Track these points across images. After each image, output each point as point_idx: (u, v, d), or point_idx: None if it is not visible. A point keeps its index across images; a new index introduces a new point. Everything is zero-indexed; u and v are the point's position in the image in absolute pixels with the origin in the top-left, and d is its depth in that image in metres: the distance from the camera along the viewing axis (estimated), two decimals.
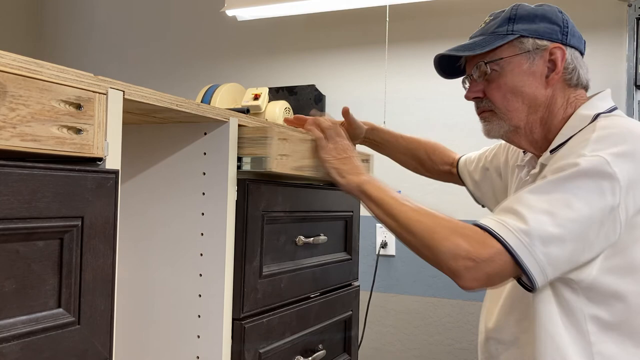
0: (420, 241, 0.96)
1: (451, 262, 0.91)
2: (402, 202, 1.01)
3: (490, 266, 0.90)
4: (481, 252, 0.90)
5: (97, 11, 3.03)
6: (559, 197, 0.89)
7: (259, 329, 0.99)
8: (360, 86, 2.43)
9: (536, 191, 0.92)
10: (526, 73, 1.05)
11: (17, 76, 0.57)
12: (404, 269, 2.32)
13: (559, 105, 1.06)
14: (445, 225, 0.94)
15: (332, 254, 1.29)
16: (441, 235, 0.93)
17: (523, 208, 0.90)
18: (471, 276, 0.91)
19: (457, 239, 0.91)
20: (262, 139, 0.96)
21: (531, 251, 0.88)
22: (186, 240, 0.95)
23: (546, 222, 0.88)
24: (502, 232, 0.90)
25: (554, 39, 1.05)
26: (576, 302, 0.95)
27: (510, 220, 0.90)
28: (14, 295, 0.58)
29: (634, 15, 1.86)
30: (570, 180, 0.90)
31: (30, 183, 0.58)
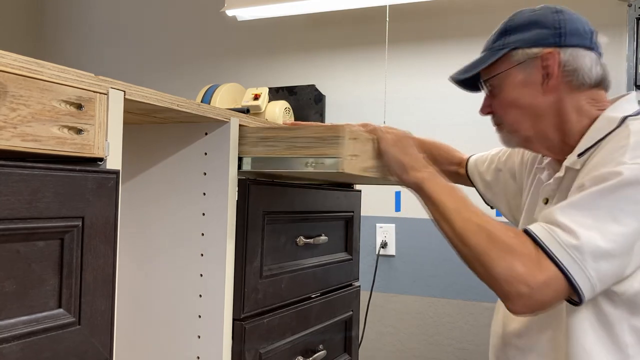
0: (474, 256, 0.92)
1: (505, 287, 0.88)
2: (460, 207, 0.96)
3: (544, 292, 0.87)
4: (537, 277, 0.87)
5: (97, 11, 3.03)
6: (607, 211, 0.87)
7: (260, 329, 0.99)
8: (360, 86, 2.43)
9: (582, 205, 0.89)
10: (522, 84, 1.04)
11: (18, 76, 0.57)
12: (404, 269, 2.32)
13: (569, 109, 1.03)
14: (500, 241, 0.90)
15: (333, 254, 1.29)
16: (496, 254, 0.89)
17: (570, 222, 0.87)
18: (523, 303, 0.88)
19: (512, 260, 0.88)
20: (334, 138, 0.90)
21: (582, 268, 0.86)
22: (187, 241, 0.95)
23: (596, 238, 0.86)
24: (554, 249, 0.87)
25: (547, 44, 1.02)
26: (615, 314, 0.93)
27: (561, 234, 0.87)
28: (15, 295, 0.58)
29: (634, 15, 1.86)
30: (615, 192, 0.87)
31: (30, 183, 0.58)
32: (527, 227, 0.91)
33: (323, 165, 0.91)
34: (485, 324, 2.18)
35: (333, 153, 0.90)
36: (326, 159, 0.90)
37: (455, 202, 0.97)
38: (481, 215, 0.95)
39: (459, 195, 0.99)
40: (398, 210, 2.35)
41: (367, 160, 1.01)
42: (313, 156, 0.91)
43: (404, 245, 2.32)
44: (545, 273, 0.86)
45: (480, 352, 2.20)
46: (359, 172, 0.98)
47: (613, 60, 2.08)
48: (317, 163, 0.91)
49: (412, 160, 1.04)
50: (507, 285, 0.88)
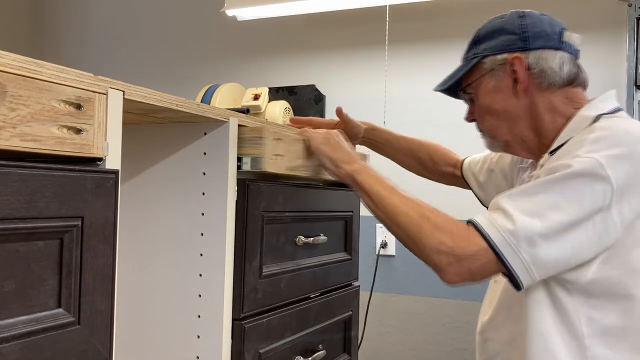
0: (406, 234, 0.97)
1: (434, 257, 0.93)
2: (392, 193, 1.01)
3: (473, 263, 0.91)
4: (464, 249, 0.91)
5: (97, 11, 3.03)
6: (549, 199, 0.89)
7: (259, 329, 0.99)
8: (360, 86, 2.43)
9: (527, 192, 0.92)
10: (493, 91, 1.07)
11: (17, 76, 0.57)
12: (404, 269, 2.32)
13: (542, 110, 1.04)
14: (431, 220, 0.95)
15: (332, 254, 1.29)
16: (426, 230, 0.94)
17: (512, 208, 0.91)
18: (453, 271, 0.92)
19: (441, 235, 0.93)
20: (257, 139, 0.96)
21: (516, 251, 0.89)
22: (186, 240, 0.95)
23: (534, 224, 0.88)
24: (488, 230, 0.91)
25: (513, 49, 1.04)
26: (571, 303, 0.94)
27: (499, 219, 0.91)
28: (14, 295, 0.58)
29: (634, 15, 1.86)
30: (561, 182, 0.90)
31: (30, 183, 0.58)
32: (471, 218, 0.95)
33: (248, 165, 0.96)
34: None
35: (256, 153, 0.96)
36: (254, 158, 0.96)
37: (386, 188, 1.02)
38: (413, 199, 1.00)
39: (390, 183, 1.04)
40: None
41: (294, 160, 1.07)
42: (244, 155, 0.97)
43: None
44: (472, 247, 0.91)
45: None
46: (286, 171, 1.04)
47: (613, 60, 2.08)
48: (244, 163, 0.97)
49: (343, 155, 1.10)
50: (436, 255, 0.92)
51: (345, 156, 1.09)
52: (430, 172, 1.44)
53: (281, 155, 1.02)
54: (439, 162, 1.42)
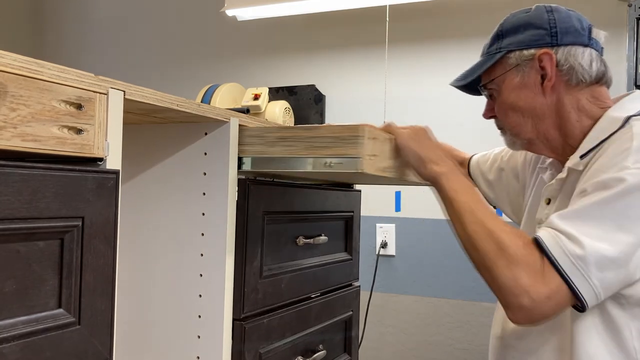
0: (482, 262, 0.92)
1: (508, 297, 0.89)
2: (474, 209, 0.95)
3: (547, 305, 0.88)
4: (540, 289, 0.87)
5: (97, 11, 3.03)
6: (612, 220, 0.87)
7: (260, 329, 0.99)
8: (360, 86, 2.43)
9: (588, 214, 0.88)
10: (519, 87, 1.03)
11: (18, 76, 0.57)
12: (404, 269, 2.32)
13: (569, 108, 1.02)
14: (510, 251, 0.90)
15: (333, 254, 1.29)
16: (503, 264, 0.89)
17: (577, 232, 0.87)
18: (525, 314, 0.89)
19: (518, 271, 0.88)
20: (354, 137, 0.89)
21: (587, 277, 0.86)
22: (187, 241, 0.95)
23: (602, 247, 0.85)
24: (559, 257, 0.87)
25: (541, 44, 1.01)
26: (623, 318, 0.92)
27: (567, 243, 0.87)
28: (15, 295, 0.58)
29: (634, 15, 1.86)
30: (620, 200, 0.87)
31: (30, 183, 0.58)
32: (536, 234, 0.91)
33: (342, 166, 0.89)
34: (485, 324, 2.18)
35: (353, 153, 0.88)
36: (346, 158, 0.89)
37: (470, 202, 0.97)
38: (493, 219, 0.94)
39: (475, 196, 0.99)
40: (398, 210, 2.35)
41: (385, 160, 1.00)
42: (332, 156, 0.89)
43: (404, 245, 2.32)
44: (548, 286, 0.87)
45: (480, 352, 2.20)
46: (378, 172, 0.96)
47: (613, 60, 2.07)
48: (336, 163, 0.89)
49: (430, 154, 1.03)
50: (511, 296, 0.88)
51: (433, 155, 1.03)
52: None
53: (376, 156, 0.95)
54: None
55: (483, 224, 0.93)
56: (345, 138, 0.89)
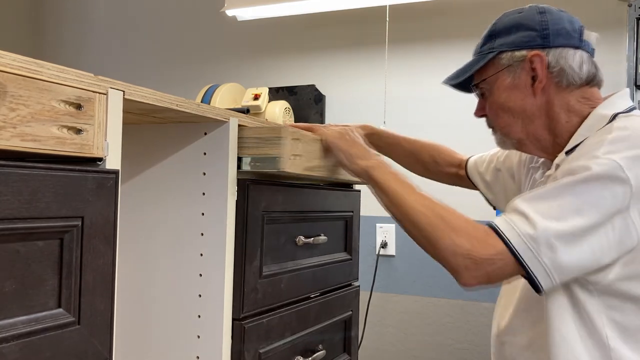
0: (423, 235, 0.95)
1: (451, 260, 0.92)
2: (408, 191, 0.99)
3: (490, 265, 0.90)
4: (481, 251, 0.90)
5: (97, 11, 3.03)
6: (570, 203, 0.88)
7: (259, 329, 0.99)
8: (360, 86, 2.43)
9: (547, 195, 0.91)
10: (510, 87, 1.04)
11: (17, 76, 0.57)
12: (404, 269, 2.32)
13: (558, 109, 1.03)
14: (448, 221, 0.93)
15: (332, 254, 1.29)
16: (443, 232, 0.92)
17: (533, 211, 0.89)
18: (470, 274, 0.91)
19: (458, 237, 0.91)
20: (276, 138, 0.94)
21: (537, 256, 0.88)
22: (186, 241, 0.95)
23: (555, 228, 0.87)
24: (508, 233, 0.89)
25: (533, 46, 1.02)
26: (594, 305, 0.93)
27: (519, 222, 0.89)
28: (14, 295, 0.58)
29: (634, 15, 1.86)
30: (581, 185, 0.88)
31: (30, 183, 0.58)
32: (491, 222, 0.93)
33: (264, 165, 0.95)
34: (485, 324, 2.18)
35: (274, 153, 0.94)
36: (268, 158, 0.94)
37: (404, 186, 1.00)
38: (430, 198, 0.98)
39: (407, 181, 1.02)
40: None
41: (312, 160, 1.05)
42: (257, 155, 0.95)
43: (404, 245, 2.32)
44: (490, 249, 0.89)
45: (480, 352, 2.20)
46: (303, 172, 1.02)
47: (613, 60, 2.08)
48: (260, 163, 0.95)
49: (358, 151, 1.07)
50: (453, 258, 0.91)
51: (360, 152, 1.07)
52: (433, 174, 1.43)
53: (299, 155, 1.00)
54: (442, 163, 1.41)
55: (419, 201, 0.97)
56: (268, 139, 0.95)
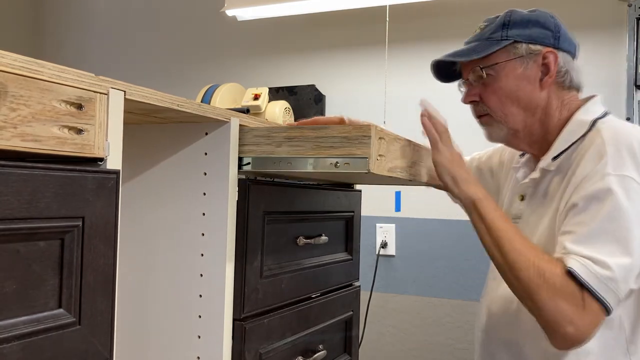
0: (524, 291, 0.97)
1: (553, 326, 0.94)
2: (512, 237, 0.99)
3: (591, 330, 0.94)
4: (585, 318, 0.93)
5: (97, 11, 3.03)
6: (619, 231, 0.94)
7: (260, 329, 0.99)
8: (360, 86, 2.43)
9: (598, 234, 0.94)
10: (520, 77, 1.07)
11: (18, 76, 0.57)
12: (404, 269, 2.32)
13: (554, 107, 1.09)
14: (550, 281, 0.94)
15: (333, 255, 1.29)
16: (545, 294, 0.94)
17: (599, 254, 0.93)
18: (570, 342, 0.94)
19: (560, 302, 0.93)
20: (362, 137, 0.87)
21: (616, 293, 0.93)
22: (187, 241, 0.95)
23: (623, 261, 0.93)
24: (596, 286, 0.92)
25: (547, 44, 1.07)
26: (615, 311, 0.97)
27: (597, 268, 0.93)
28: (15, 295, 0.58)
29: (634, 15, 1.86)
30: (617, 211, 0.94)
31: (30, 183, 0.58)
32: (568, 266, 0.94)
33: (350, 166, 0.87)
34: None
35: (360, 153, 0.87)
36: (353, 159, 0.87)
37: (508, 230, 1.00)
38: (531, 247, 0.99)
39: (511, 224, 1.03)
40: (398, 210, 2.35)
41: (392, 161, 0.99)
42: (340, 156, 0.88)
43: (404, 245, 2.32)
44: (590, 314, 0.93)
45: None
46: (385, 173, 0.95)
47: (613, 60, 2.08)
48: (344, 163, 0.87)
49: (467, 176, 1.07)
50: (556, 325, 0.93)
51: (468, 177, 1.07)
52: None
53: (383, 156, 0.94)
54: None
55: (522, 252, 0.97)
56: (353, 138, 0.87)
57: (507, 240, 0.98)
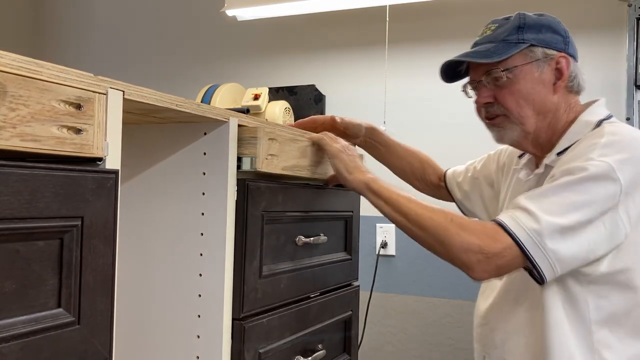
0: (432, 237, 1.02)
1: (463, 256, 0.98)
2: (410, 200, 1.05)
3: (500, 259, 0.97)
4: (491, 246, 0.97)
5: (97, 11, 3.03)
6: (569, 200, 0.96)
7: (259, 329, 0.99)
8: (360, 86, 2.43)
9: (548, 193, 0.99)
10: (536, 81, 1.10)
11: (17, 76, 0.57)
12: (404, 269, 2.32)
13: (562, 111, 1.12)
14: (456, 221, 1.00)
15: (332, 254, 1.29)
16: (453, 231, 0.99)
17: (536, 208, 0.97)
18: (482, 268, 0.98)
19: (468, 235, 0.98)
20: (252, 139, 0.97)
21: (541, 248, 0.95)
22: (186, 240, 0.95)
23: (557, 223, 0.95)
24: (514, 228, 0.96)
25: (559, 49, 1.10)
26: (581, 293, 1.02)
27: (524, 218, 0.97)
28: (14, 295, 0.58)
29: (634, 15, 1.86)
30: (579, 184, 0.97)
31: (30, 183, 0.58)
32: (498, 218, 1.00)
33: (245, 165, 0.97)
34: None
35: (248, 153, 0.97)
36: (246, 158, 0.97)
37: (405, 197, 1.06)
38: (432, 205, 1.04)
39: (405, 192, 1.08)
40: None
41: (288, 160, 1.07)
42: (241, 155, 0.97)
43: (404, 245, 2.31)
44: (499, 244, 0.97)
45: None
46: (282, 171, 1.04)
47: (613, 60, 2.08)
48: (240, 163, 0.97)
49: (358, 165, 1.13)
50: (465, 254, 0.98)
51: (359, 166, 1.13)
52: (418, 180, 1.49)
53: (275, 155, 1.03)
54: (428, 171, 1.47)
55: (424, 207, 1.04)
56: (244, 139, 0.97)
57: (407, 202, 1.04)
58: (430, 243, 1.03)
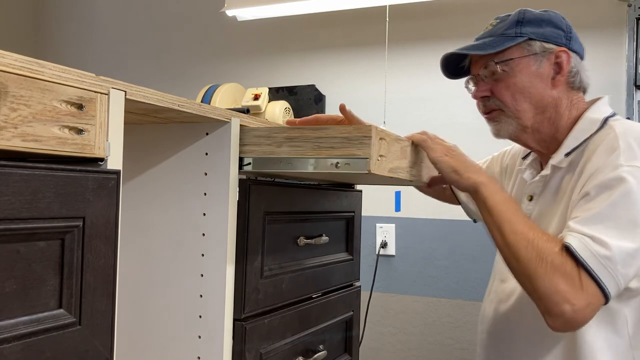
0: (523, 271, 0.97)
1: (549, 304, 0.94)
2: (513, 218, 1.00)
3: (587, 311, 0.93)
4: (580, 297, 0.92)
5: (97, 11, 3.02)
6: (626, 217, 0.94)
7: (260, 329, 0.99)
8: (360, 86, 2.43)
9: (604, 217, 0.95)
10: (534, 74, 1.08)
11: (19, 76, 0.57)
12: (404, 269, 2.32)
13: (564, 107, 1.10)
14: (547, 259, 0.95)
15: (334, 255, 1.29)
16: (543, 272, 0.94)
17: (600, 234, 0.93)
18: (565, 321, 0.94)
19: (557, 280, 0.93)
20: (362, 138, 0.87)
21: (614, 275, 0.93)
22: (187, 241, 0.95)
23: (625, 246, 0.93)
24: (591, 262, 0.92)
25: (559, 43, 1.09)
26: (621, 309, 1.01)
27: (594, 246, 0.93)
28: (15, 295, 0.58)
29: (634, 15, 1.86)
30: (626, 197, 0.94)
31: (31, 183, 0.58)
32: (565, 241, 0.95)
33: (350, 166, 0.87)
34: None
35: (361, 154, 0.87)
36: (354, 159, 0.87)
37: (509, 211, 1.01)
38: (532, 228, 0.99)
39: (513, 205, 1.03)
40: (398, 210, 2.35)
41: (393, 161, 0.99)
42: (340, 157, 0.88)
43: (404, 245, 2.32)
44: (587, 294, 0.92)
45: None
46: (385, 173, 0.95)
47: (613, 60, 2.08)
48: (344, 164, 0.87)
49: (467, 165, 1.08)
50: (552, 304, 0.93)
51: (470, 165, 1.08)
52: None
53: (384, 156, 0.93)
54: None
55: (522, 232, 0.98)
56: (354, 138, 0.87)
57: (507, 222, 0.99)
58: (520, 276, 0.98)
